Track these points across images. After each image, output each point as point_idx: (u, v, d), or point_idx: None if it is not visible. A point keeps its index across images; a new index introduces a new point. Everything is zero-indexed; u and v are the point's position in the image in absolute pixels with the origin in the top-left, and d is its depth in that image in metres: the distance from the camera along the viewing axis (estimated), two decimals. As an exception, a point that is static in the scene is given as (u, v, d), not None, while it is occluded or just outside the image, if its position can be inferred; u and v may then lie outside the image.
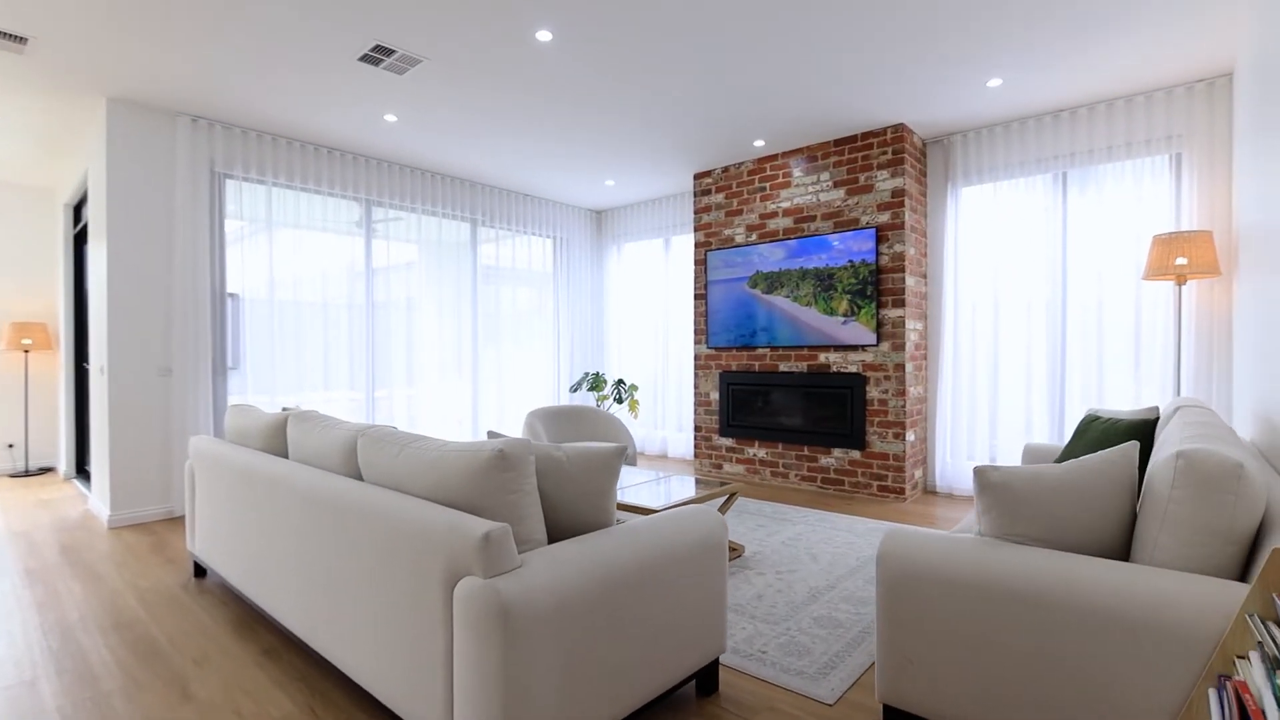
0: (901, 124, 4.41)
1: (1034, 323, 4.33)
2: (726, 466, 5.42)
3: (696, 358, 5.61)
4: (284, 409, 2.93)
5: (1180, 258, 3.54)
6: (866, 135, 4.57)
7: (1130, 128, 3.94)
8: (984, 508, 1.62)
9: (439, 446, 1.70)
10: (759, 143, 4.81)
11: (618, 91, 3.87)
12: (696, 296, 5.60)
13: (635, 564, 1.62)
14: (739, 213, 5.31)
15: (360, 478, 2.03)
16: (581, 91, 3.86)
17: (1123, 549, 1.57)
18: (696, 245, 5.60)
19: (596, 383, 6.30)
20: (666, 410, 6.51)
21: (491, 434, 1.91)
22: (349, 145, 4.77)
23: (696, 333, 5.61)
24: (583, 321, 6.91)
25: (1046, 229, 4.29)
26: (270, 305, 4.52)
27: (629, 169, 5.50)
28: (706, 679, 1.96)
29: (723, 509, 3.17)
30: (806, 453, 4.92)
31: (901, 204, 4.42)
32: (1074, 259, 4.20)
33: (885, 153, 4.49)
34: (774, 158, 5.08)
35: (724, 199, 5.41)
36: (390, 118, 4.23)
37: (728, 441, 5.41)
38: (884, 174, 4.50)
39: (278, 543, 2.17)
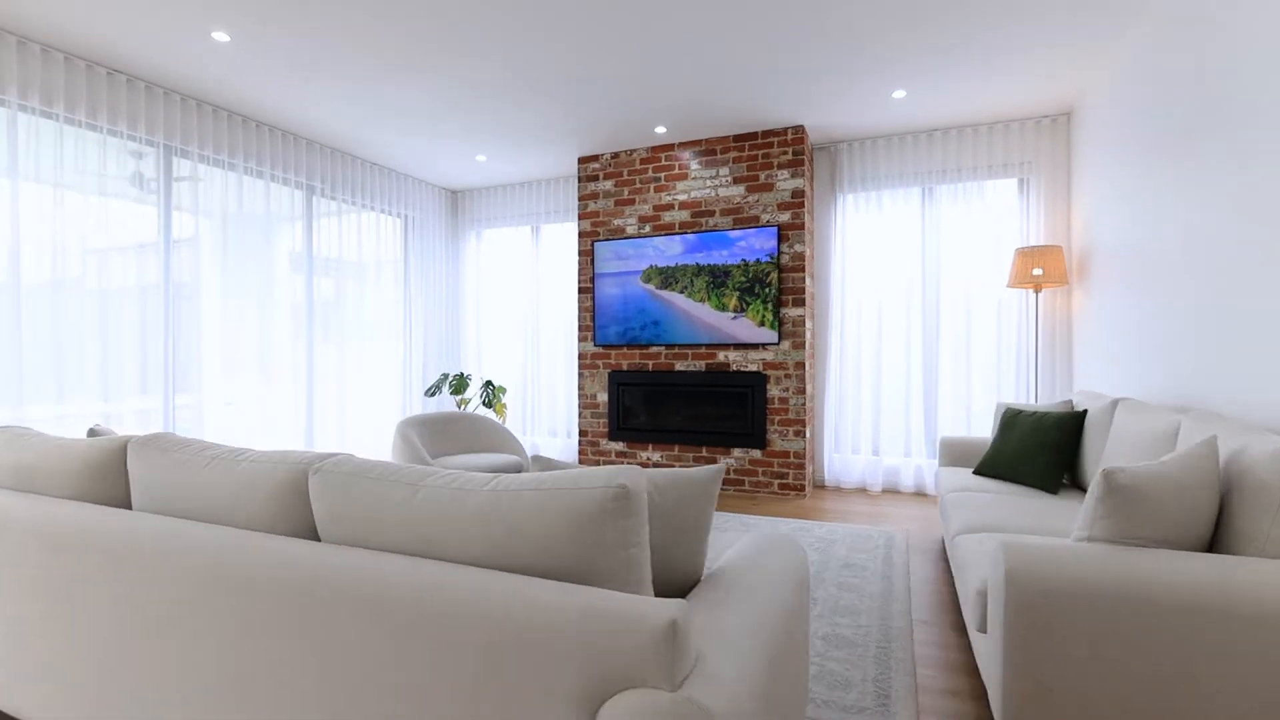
0: (802, 126, 4.47)
1: (911, 324, 4.68)
2: (617, 472, 5.08)
3: (582, 356, 5.19)
4: (93, 430, 1.97)
5: (1037, 269, 4.03)
6: (767, 134, 4.57)
7: (990, 151, 4.43)
8: (1106, 512, 1.52)
9: (495, 484, 1.15)
10: (660, 129, 4.57)
11: (513, 46, 3.33)
12: (581, 290, 5.19)
13: (781, 623, 1.25)
14: (630, 202, 5.01)
15: (313, 535, 1.34)
16: (472, 38, 3.25)
17: (1207, 543, 1.58)
18: (581, 235, 5.18)
19: (460, 385, 5.55)
20: (537, 413, 5.97)
21: (539, 460, 1.38)
22: (148, 69, 3.52)
23: (581, 329, 5.19)
24: (437, 316, 6.06)
25: (918, 238, 4.66)
26: (14, 288, 3.14)
27: (507, 144, 4.90)
28: (783, 740, 1.63)
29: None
30: (705, 454, 4.79)
31: (802, 205, 4.49)
32: (940, 267, 4.61)
33: (786, 153, 4.53)
34: (670, 147, 4.87)
35: (613, 186, 5.07)
36: (221, 36, 3.18)
37: (618, 446, 5.08)
38: (785, 174, 4.53)
39: (136, 657, 1.36)
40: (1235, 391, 2.21)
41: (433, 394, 5.60)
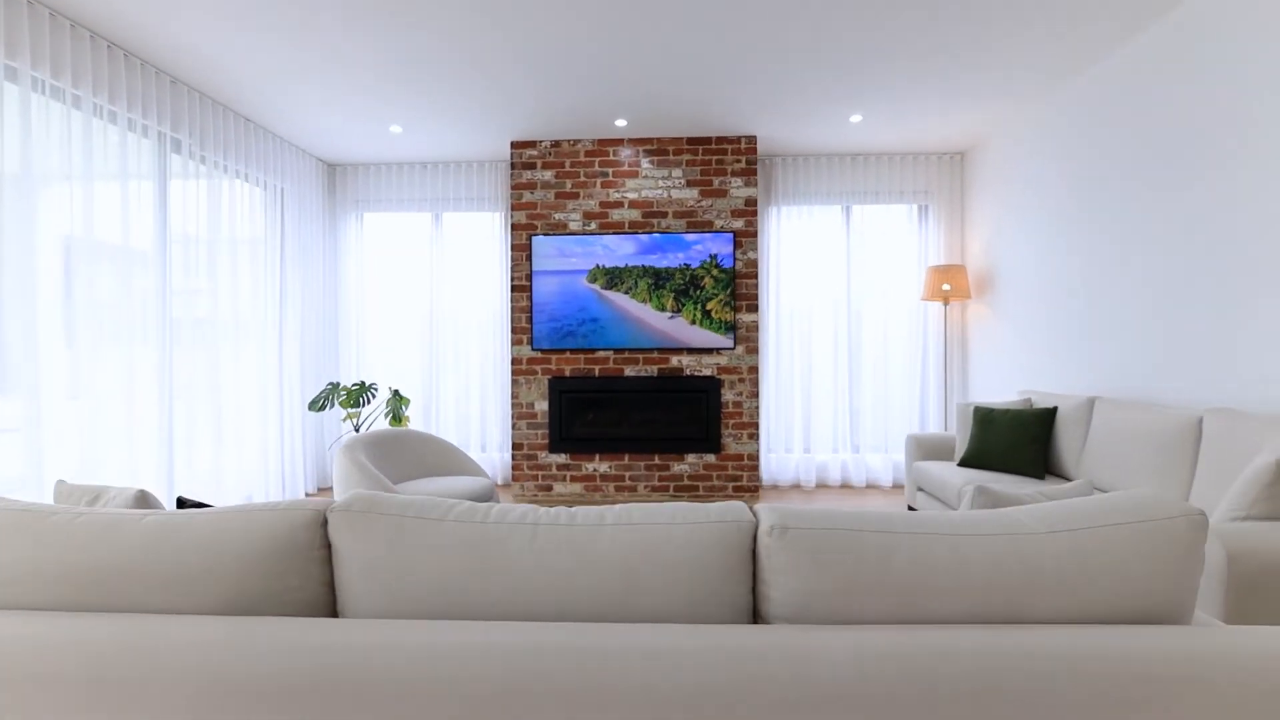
0: (755, 136, 4.60)
1: (838, 329, 5.08)
2: (558, 487, 4.71)
3: (516, 361, 4.70)
4: (142, 496, 1.28)
5: (946, 284, 4.67)
6: (721, 140, 4.61)
7: (903, 178, 5.01)
8: (1273, 494, 1.81)
9: (998, 525, 0.98)
10: (621, 122, 4.33)
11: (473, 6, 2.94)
12: (515, 288, 4.70)
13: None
14: (574, 196, 4.68)
15: (740, 618, 1.01)
16: (513, -5, 2.79)
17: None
18: (515, 227, 4.70)
19: (356, 396, 4.66)
20: (443, 427, 5.27)
21: (985, 492, 1.21)
22: (-51, -65, 2.33)
23: (515, 332, 4.70)
24: (314, 313, 5.01)
25: (842, 251, 5.09)
26: None
27: (432, 115, 4.23)
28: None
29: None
30: (657, 461, 4.67)
31: (755, 212, 4.61)
32: (861, 279, 5.10)
33: (740, 161, 4.61)
34: (619, 142, 4.65)
35: (554, 177, 4.68)
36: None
37: (560, 458, 4.71)
38: (738, 181, 4.61)
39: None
40: (1134, 387, 2.95)
41: (320, 407, 4.62)
